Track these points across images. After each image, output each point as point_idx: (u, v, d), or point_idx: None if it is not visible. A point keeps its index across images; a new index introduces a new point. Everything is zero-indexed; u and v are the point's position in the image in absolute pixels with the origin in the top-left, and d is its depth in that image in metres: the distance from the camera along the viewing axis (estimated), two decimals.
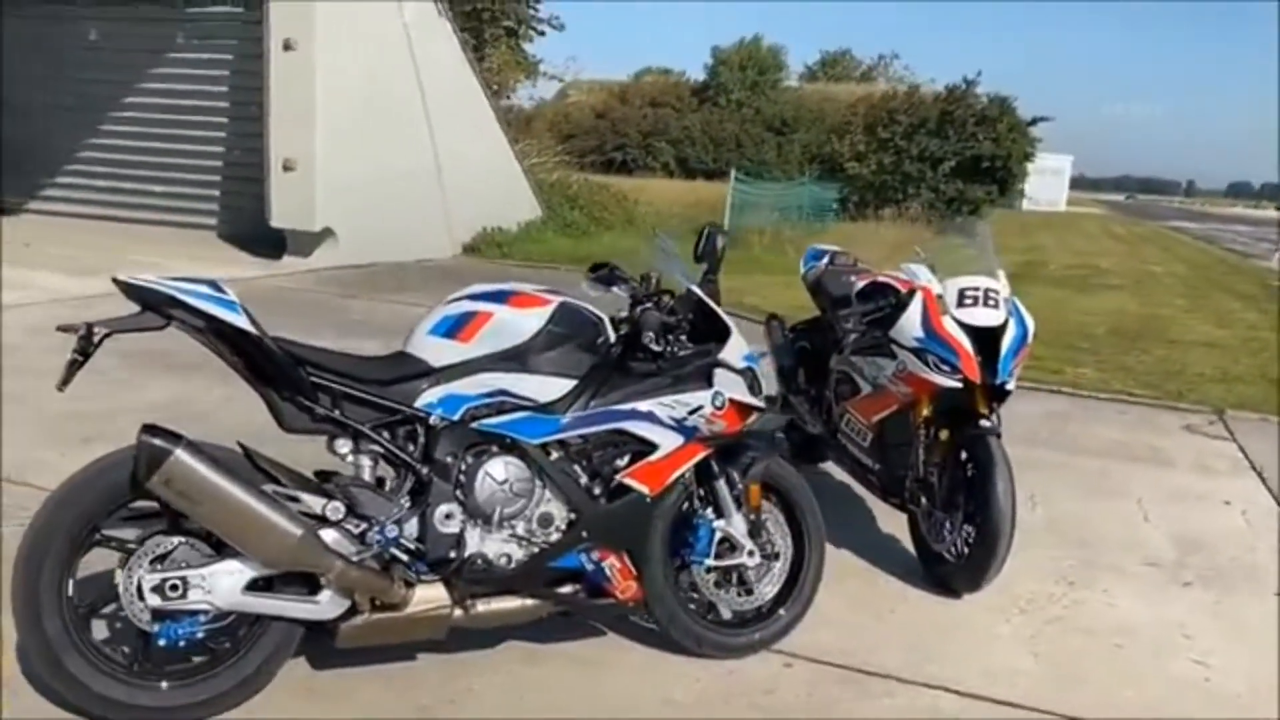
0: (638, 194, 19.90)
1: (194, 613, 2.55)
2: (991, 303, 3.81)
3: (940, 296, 3.84)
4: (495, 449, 2.81)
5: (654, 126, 51.13)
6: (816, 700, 3.00)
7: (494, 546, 2.79)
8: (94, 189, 13.54)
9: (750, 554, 3.14)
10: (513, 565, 2.81)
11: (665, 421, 2.91)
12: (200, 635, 2.58)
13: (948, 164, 25.19)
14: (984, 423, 3.75)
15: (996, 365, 3.71)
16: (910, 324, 3.83)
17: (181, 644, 2.57)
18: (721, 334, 3.07)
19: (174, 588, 2.50)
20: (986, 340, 3.75)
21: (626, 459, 2.89)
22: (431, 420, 2.76)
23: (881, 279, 4.39)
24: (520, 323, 2.85)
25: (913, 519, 3.97)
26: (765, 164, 47.36)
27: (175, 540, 2.56)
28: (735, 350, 3.05)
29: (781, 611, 3.25)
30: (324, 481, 2.73)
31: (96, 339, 2.47)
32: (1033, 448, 5.59)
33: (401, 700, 2.82)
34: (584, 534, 2.85)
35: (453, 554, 2.75)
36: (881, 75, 58.20)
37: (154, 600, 2.50)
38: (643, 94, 54.57)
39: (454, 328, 2.84)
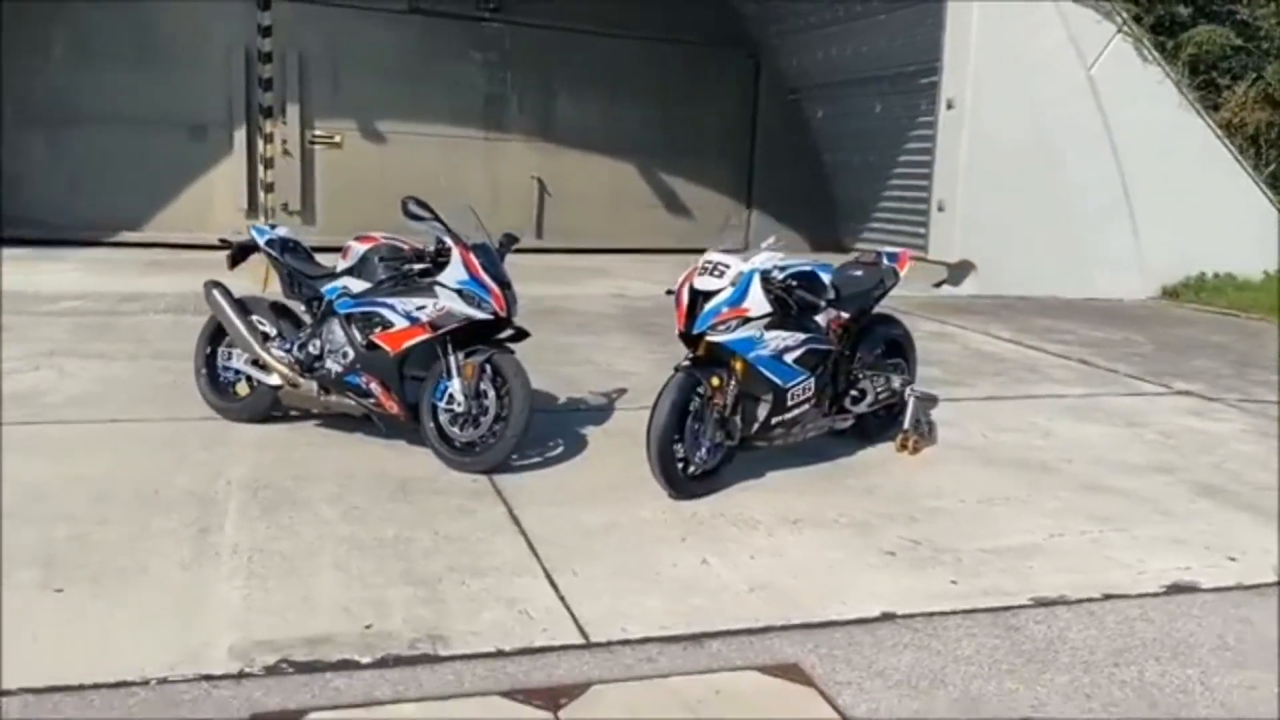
0: None
1: (235, 369, 5.74)
2: (717, 273, 4.76)
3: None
4: (336, 317, 5.37)
5: None
6: (424, 506, 4.80)
7: (330, 364, 5.36)
8: (884, 230, 16.83)
9: (459, 404, 5.03)
10: (334, 375, 5.34)
11: (399, 311, 5.08)
12: (235, 378, 5.76)
13: None
14: (683, 362, 4.76)
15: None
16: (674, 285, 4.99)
17: (229, 379, 5.77)
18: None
19: (227, 355, 5.75)
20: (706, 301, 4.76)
21: (379, 329, 5.16)
22: (327, 299, 5.47)
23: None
24: (357, 251, 5.36)
25: None
26: None
27: None
28: (451, 276, 4.99)
29: (487, 449, 5.01)
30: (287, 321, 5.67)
31: (233, 248, 5.86)
32: None
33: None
34: (357, 365, 5.22)
35: (316, 365, 5.43)
36: None
37: (222, 359, 5.77)
38: None
39: (344, 252, 5.48)
